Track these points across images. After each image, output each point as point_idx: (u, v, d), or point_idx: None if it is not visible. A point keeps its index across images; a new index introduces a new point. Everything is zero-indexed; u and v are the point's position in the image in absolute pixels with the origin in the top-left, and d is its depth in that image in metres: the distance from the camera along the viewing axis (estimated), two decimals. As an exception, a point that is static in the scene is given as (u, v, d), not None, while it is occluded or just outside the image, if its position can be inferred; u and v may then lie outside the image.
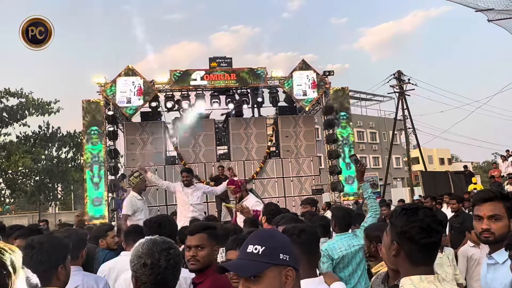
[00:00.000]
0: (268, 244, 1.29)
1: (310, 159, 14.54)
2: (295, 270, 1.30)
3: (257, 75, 14.08)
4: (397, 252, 1.47)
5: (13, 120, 19.66)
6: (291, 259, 1.29)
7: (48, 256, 1.94)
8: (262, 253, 1.27)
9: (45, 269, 1.92)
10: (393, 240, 1.48)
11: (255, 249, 1.28)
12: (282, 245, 1.31)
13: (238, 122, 14.71)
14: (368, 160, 42.35)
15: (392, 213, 1.56)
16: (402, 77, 24.08)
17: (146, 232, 2.56)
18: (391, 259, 1.49)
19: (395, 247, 1.47)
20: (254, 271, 1.26)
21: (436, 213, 7.07)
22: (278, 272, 1.27)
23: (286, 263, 1.28)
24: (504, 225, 1.89)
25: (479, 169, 49.42)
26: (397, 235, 1.48)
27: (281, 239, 1.34)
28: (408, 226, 1.46)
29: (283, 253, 1.28)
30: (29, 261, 1.88)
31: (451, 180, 15.93)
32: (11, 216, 32.20)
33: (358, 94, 39.95)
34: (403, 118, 24.37)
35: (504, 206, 1.92)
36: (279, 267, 1.27)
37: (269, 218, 4.00)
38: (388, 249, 1.50)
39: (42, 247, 1.95)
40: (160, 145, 14.02)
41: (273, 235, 1.36)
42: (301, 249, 1.96)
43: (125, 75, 13.46)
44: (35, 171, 21.28)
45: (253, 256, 1.28)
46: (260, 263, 1.26)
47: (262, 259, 1.26)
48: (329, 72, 14.76)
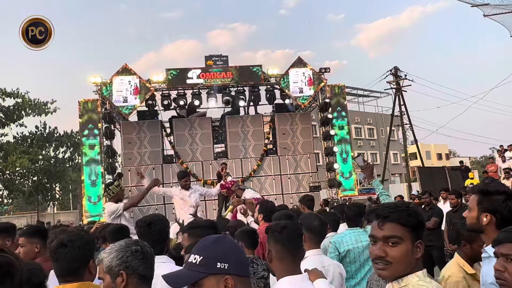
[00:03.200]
0: (205, 253, 1.33)
1: (307, 156, 14.56)
2: (239, 277, 1.33)
3: (253, 73, 14.08)
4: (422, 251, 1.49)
5: (10, 120, 19.58)
6: (231, 267, 1.31)
7: (80, 253, 2.05)
8: (200, 263, 1.31)
9: (78, 265, 2.04)
10: (417, 240, 1.48)
11: (194, 259, 1.33)
12: (221, 254, 1.33)
13: (234, 120, 14.71)
14: (366, 156, 42.40)
15: (405, 213, 1.50)
16: (398, 73, 24.11)
17: (137, 231, 2.60)
18: (413, 262, 1.47)
19: (419, 246, 1.48)
20: (188, 281, 1.32)
21: (433, 208, 7.12)
22: (216, 281, 1.30)
23: (224, 272, 1.30)
24: (472, 216, 2.06)
25: (476, 164, 49.56)
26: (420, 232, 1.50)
27: (221, 248, 1.35)
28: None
29: (221, 261, 1.30)
30: (63, 259, 2.02)
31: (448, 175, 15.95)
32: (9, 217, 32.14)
33: (356, 91, 39.97)
34: (400, 114, 24.41)
35: (478, 200, 2.06)
36: (217, 275, 1.30)
37: (265, 216, 4.01)
38: (411, 252, 1.47)
39: (73, 244, 2.05)
40: (157, 143, 14.02)
41: (213, 243, 1.36)
42: (284, 246, 1.98)
43: (121, 74, 13.45)
44: (33, 171, 21.24)
45: (191, 266, 1.33)
46: (196, 273, 1.30)
47: (199, 268, 1.31)
48: (325, 69, 14.78)
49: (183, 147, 14.16)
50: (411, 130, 24.56)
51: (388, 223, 1.47)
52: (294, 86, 14.20)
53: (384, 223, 1.47)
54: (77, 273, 2.02)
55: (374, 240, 1.50)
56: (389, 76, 24.29)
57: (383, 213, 1.49)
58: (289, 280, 1.90)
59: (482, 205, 2.03)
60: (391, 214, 1.47)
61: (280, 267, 1.95)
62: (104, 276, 1.73)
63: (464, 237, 2.62)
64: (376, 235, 1.49)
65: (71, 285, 1.99)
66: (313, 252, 2.69)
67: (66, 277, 2.02)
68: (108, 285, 1.70)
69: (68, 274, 2.02)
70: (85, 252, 2.09)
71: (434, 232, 6.82)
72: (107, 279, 1.71)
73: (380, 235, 1.47)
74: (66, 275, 2.02)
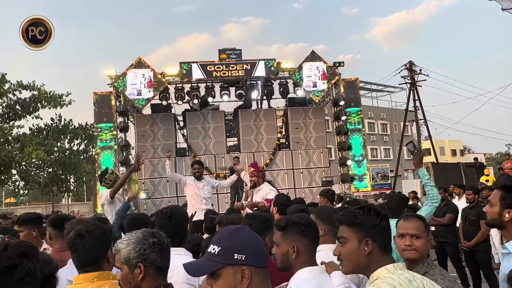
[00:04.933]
0: (223, 244, 1.36)
1: (320, 151, 14.50)
2: (256, 268, 1.35)
3: (266, 66, 14.03)
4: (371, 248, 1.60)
5: (26, 112, 19.86)
6: (248, 258, 1.34)
7: (98, 243, 2.08)
8: (218, 253, 1.35)
9: (97, 255, 2.07)
10: (364, 238, 1.60)
11: (212, 249, 1.37)
12: (239, 245, 1.35)
13: (247, 113, 14.70)
14: (379, 152, 42.09)
15: (351, 215, 1.66)
16: (413, 67, 23.81)
17: (157, 223, 2.60)
18: (363, 258, 1.61)
19: (368, 243, 1.60)
20: (206, 271, 1.36)
21: (448, 204, 7.04)
22: (233, 272, 1.33)
23: (241, 263, 1.33)
24: (494, 212, 2.06)
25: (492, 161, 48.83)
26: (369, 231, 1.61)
27: (239, 239, 1.37)
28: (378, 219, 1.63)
29: (239, 253, 1.33)
30: (82, 249, 2.05)
31: (463, 172, 15.76)
32: (25, 207, 32.76)
33: (369, 85, 39.60)
34: (414, 109, 24.14)
35: (501, 195, 2.05)
36: (234, 266, 1.33)
37: (280, 209, 4.01)
38: (357, 249, 1.61)
39: (91, 235, 2.08)
40: (170, 137, 14.10)
41: (232, 234, 1.39)
42: (312, 239, 2.04)
43: (135, 68, 13.52)
44: (48, 163, 21.54)
45: (210, 256, 1.36)
46: (214, 263, 1.34)
47: (217, 259, 1.34)
48: (339, 63, 14.64)
49: (196, 140, 14.22)
50: (425, 126, 24.30)
51: (340, 226, 1.68)
52: (307, 80, 14.11)
53: (339, 225, 1.68)
54: (96, 263, 2.06)
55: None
56: (403, 70, 24.03)
57: (339, 217, 1.72)
58: (309, 270, 1.94)
59: (505, 200, 2.01)
60: (341, 217, 1.69)
61: (303, 260, 1.97)
62: (121, 266, 1.75)
63: None
64: (336, 237, 1.71)
65: (90, 274, 2.03)
66: (330, 247, 2.69)
67: (85, 267, 2.05)
68: (125, 275, 1.73)
69: (87, 264, 2.05)
70: (102, 242, 2.11)
71: (448, 228, 6.75)
72: (124, 269, 1.74)
73: (337, 237, 1.69)
74: (85, 265, 2.05)
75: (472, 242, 5.96)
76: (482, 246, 5.90)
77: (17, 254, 1.28)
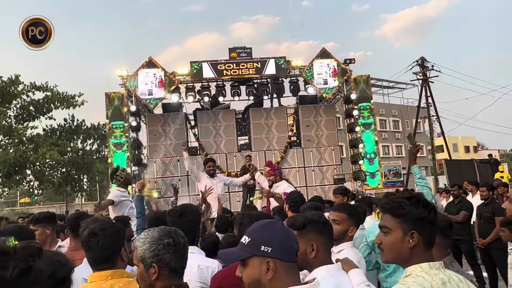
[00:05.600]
0: (253, 235, 1.44)
1: (331, 149, 14.43)
2: (282, 262, 1.40)
3: (277, 64, 14.01)
4: (416, 241, 1.52)
5: (40, 113, 20.11)
6: (274, 251, 1.40)
7: (112, 241, 2.11)
8: (247, 243, 1.43)
9: (111, 253, 2.10)
10: (409, 230, 1.53)
11: (244, 240, 1.45)
12: (266, 238, 1.42)
13: (258, 112, 14.69)
14: (391, 149, 41.72)
15: (397, 204, 1.58)
16: (425, 63, 23.54)
17: (169, 221, 2.61)
18: (406, 251, 1.53)
19: (414, 236, 1.52)
20: (234, 259, 1.48)
21: (462, 201, 6.96)
22: (259, 262, 1.41)
23: (267, 255, 1.39)
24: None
25: (506, 157, 48.09)
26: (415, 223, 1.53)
27: (268, 232, 1.44)
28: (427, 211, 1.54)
29: (265, 245, 1.40)
30: (96, 247, 2.07)
31: (477, 168, 15.54)
32: (40, 207, 33.21)
33: (380, 82, 39.25)
34: (426, 105, 23.88)
35: None
36: (260, 257, 1.40)
37: (291, 207, 3.98)
38: (401, 241, 1.54)
39: (105, 233, 2.11)
40: (182, 136, 14.17)
41: (262, 227, 1.46)
42: (329, 237, 2.04)
43: (146, 67, 13.62)
44: (62, 163, 21.76)
45: (241, 245, 1.46)
46: (243, 252, 1.43)
47: (246, 249, 1.43)
48: (350, 60, 14.56)
49: (207, 139, 14.26)
50: (438, 122, 24.02)
51: (384, 214, 1.62)
52: (318, 77, 14.06)
53: (383, 214, 1.62)
54: (110, 261, 2.08)
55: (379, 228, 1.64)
56: (415, 67, 23.78)
57: (382, 204, 1.66)
58: (326, 268, 1.93)
59: None
60: (386, 205, 1.62)
61: (321, 258, 1.96)
62: (138, 264, 1.77)
63: None
64: (379, 224, 1.65)
65: (105, 272, 2.05)
66: (348, 245, 2.65)
67: (100, 265, 2.08)
68: (141, 273, 1.75)
69: (102, 262, 2.07)
70: (116, 240, 2.14)
71: (463, 226, 6.66)
72: (140, 267, 1.75)
73: (379, 224, 1.63)
74: (99, 263, 2.08)
75: (487, 239, 5.88)
76: (498, 244, 5.79)
77: (26, 256, 1.28)
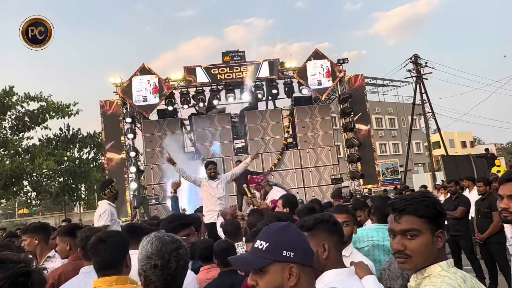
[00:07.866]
0: (272, 240, 1.32)
1: (328, 149, 14.44)
2: (303, 267, 1.32)
3: (271, 67, 14.01)
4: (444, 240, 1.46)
5: (35, 123, 20.04)
6: (296, 256, 1.30)
7: (118, 248, 2.19)
8: (266, 249, 1.31)
9: (117, 259, 2.17)
10: (437, 230, 1.46)
11: (260, 245, 1.33)
12: (288, 242, 1.32)
13: (254, 115, 14.70)
14: (388, 147, 41.83)
15: (421, 204, 1.48)
16: (419, 60, 23.61)
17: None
18: (435, 253, 1.45)
19: (442, 236, 1.46)
20: (253, 266, 1.33)
21: (460, 197, 6.96)
22: (281, 268, 1.30)
23: (290, 260, 1.29)
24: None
25: (503, 151, 48.25)
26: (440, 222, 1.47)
27: (288, 236, 1.34)
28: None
29: (287, 249, 1.30)
30: (104, 253, 2.15)
31: (474, 163, 15.57)
32: (38, 217, 33.05)
33: (375, 80, 39.37)
34: (421, 102, 23.94)
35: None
36: (282, 263, 1.30)
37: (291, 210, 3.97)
38: (431, 243, 1.44)
39: (112, 240, 2.20)
40: (178, 141, 14.14)
41: (280, 231, 1.35)
42: (339, 237, 1.93)
43: (140, 74, 13.59)
44: (59, 172, 21.68)
45: (257, 251, 1.33)
46: (262, 259, 1.30)
47: (265, 255, 1.31)
48: (343, 60, 14.58)
49: (204, 143, 14.25)
50: (433, 118, 24.08)
51: (405, 216, 1.46)
52: (312, 78, 14.07)
53: (401, 216, 1.47)
54: (115, 267, 2.15)
55: (393, 234, 1.50)
56: (409, 64, 23.85)
57: (400, 206, 1.48)
58: (335, 272, 1.82)
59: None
60: (408, 206, 1.46)
61: (334, 259, 1.85)
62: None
63: None
64: (394, 229, 1.48)
65: (109, 278, 2.11)
66: (351, 247, 2.58)
67: (106, 270, 2.14)
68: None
69: (108, 267, 2.14)
70: (122, 247, 2.22)
71: (461, 221, 6.67)
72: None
73: (397, 229, 1.47)
74: (106, 268, 2.14)
75: (485, 234, 5.88)
76: (496, 238, 5.80)
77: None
